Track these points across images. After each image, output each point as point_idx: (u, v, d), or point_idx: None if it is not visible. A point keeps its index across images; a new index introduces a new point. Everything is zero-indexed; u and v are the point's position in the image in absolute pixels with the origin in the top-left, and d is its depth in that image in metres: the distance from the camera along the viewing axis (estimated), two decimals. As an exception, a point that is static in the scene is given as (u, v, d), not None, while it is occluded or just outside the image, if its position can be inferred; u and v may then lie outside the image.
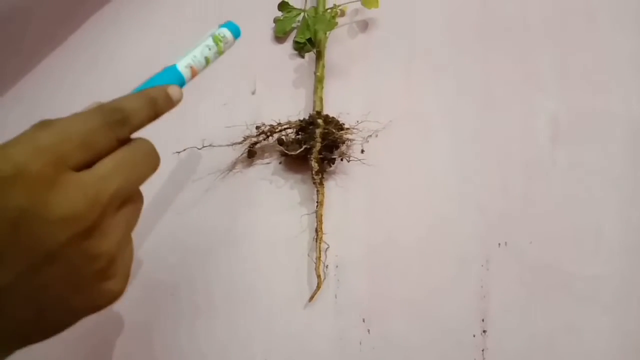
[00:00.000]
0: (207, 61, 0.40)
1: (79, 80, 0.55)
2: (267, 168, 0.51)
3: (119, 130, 0.31)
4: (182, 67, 0.39)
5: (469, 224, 0.49)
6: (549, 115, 0.52)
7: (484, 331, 0.46)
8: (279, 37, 0.55)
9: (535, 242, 0.48)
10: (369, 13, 0.55)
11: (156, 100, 0.34)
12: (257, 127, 0.49)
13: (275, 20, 0.55)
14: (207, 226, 0.49)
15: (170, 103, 0.36)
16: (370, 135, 0.51)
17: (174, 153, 0.49)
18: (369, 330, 0.46)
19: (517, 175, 0.50)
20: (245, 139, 0.50)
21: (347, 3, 0.54)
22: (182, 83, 0.38)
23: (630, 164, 0.50)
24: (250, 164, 0.51)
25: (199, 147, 0.48)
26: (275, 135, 0.50)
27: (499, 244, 0.48)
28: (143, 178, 0.33)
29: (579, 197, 0.49)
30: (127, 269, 0.33)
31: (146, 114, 0.34)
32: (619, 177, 0.50)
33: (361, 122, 0.50)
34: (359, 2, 0.54)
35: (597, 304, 0.47)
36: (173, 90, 0.36)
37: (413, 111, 0.52)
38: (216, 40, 0.40)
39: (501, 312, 0.47)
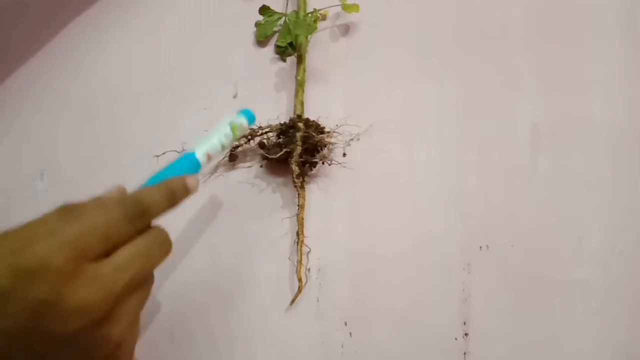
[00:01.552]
0: (223, 147, 0.43)
1: (60, 86, 0.54)
2: (249, 171, 0.51)
3: (138, 223, 0.33)
4: (200, 154, 0.41)
5: (450, 228, 0.49)
6: (529, 121, 0.52)
7: (466, 334, 0.47)
8: (260, 41, 0.55)
9: (517, 246, 0.48)
10: (350, 17, 0.55)
11: (175, 192, 0.37)
12: (238, 131, 0.49)
13: (257, 24, 0.55)
14: (187, 230, 0.49)
15: (187, 193, 0.38)
16: (352, 139, 0.51)
17: (153, 156, 0.49)
18: (350, 334, 0.46)
19: (498, 180, 0.50)
20: (226, 142, 0.49)
21: (328, 7, 0.54)
22: (198, 168, 0.41)
23: (611, 168, 0.51)
24: (231, 168, 0.51)
25: (179, 151, 0.48)
26: (257, 139, 0.50)
27: (480, 247, 0.49)
28: (156, 265, 0.35)
29: (560, 202, 0.50)
30: (133, 347, 0.35)
31: (165, 206, 0.36)
32: (599, 182, 0.50)
33: (341, 125, 0.50)
34: (340, 7, 0.54)
35: (578, 308, 0.47)
36: (191, 182, 0.39)
37: (394, 115, 0.52)
38: (234, 128, 0.43)
39: (483, 315, 0.47)
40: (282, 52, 0.54)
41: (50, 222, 0.30)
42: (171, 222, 0.48)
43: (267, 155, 0.49)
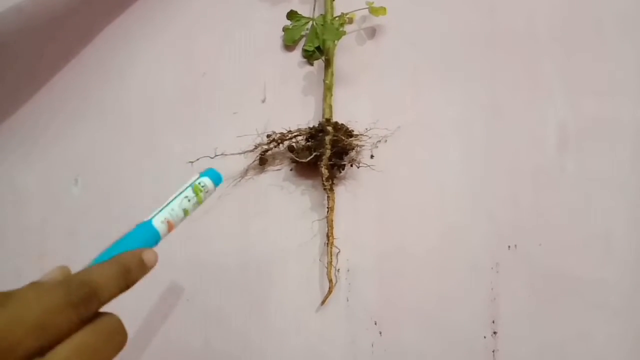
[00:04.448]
0: (186, 213, 0.37)
1: (94, 93, 0.56)
2: (278, 175, 0.52)
3: (84, 310, 0.27)
4: (159, 222, 0.35)
5: (479, 228, 0.49)
6: (557, 123, 0.52)
7: (495, 333, 0.47)
8: (288, 45, 0.56)
9: (545, 246, 0.49)
10: (377, 20, 0.56)
11: (129, 269, 0.31)
12: (268, 136, 0.50)
13: (285, 29, 0.56)
14: (220, 232, 0.50)
15: (144, 270, 0.32)
16: (379, 141, 0.52)
17: (187, 163, 0.50)
18: (380, 333, 0.47)
19: (526, 182, 0.51)
20: (256, 146, 0.51)
21: (355, 11, 0.55)
22: (157, 240, 0.35)
23: (637, 168, 0.50)
24: (261, 171, 0.52)
25: (212, 157, 0.49)
26: (286, 143, 0.51)
27: (509, 247, 0.49)
28: (107, 359, 0.29)
29: (588, 202, 0.50)
30: None
31: (117, 287, 0.30)
32: (626, 183, 0.50)
33: (370, 129, 0.51)
34: (367, 10, 0.55)
35: (605, 307, 0.47)
36: (148, 256, 0.33)
37: (421, 118, 0.53)
38: (196, 190, 0.38)
39: (511, 314, 0.47)
40: (309, 56, 0.55)
41: None
42: (203, 225, 0.50)
43: (297, 158, 0.49)
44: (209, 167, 0.41)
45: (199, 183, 0.38)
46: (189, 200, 0.37)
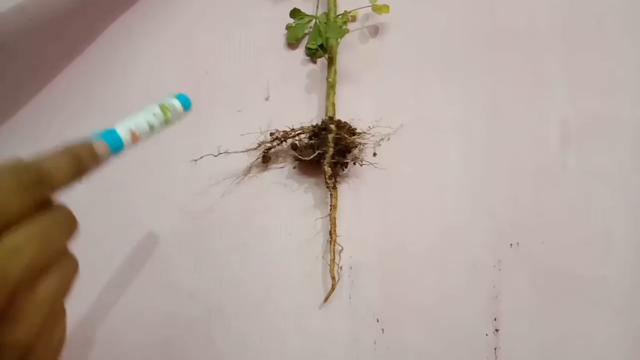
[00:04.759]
0: (152, 128, 0.38)
1: (96, 92, 0.56)
2: (282, 172, 0.52)
3: (35, 193, 0.27)
4: (123, 131, 0.36)
5: (481, 226, 0.50)
6: (558, 119, 0.52)
7: (497, 330, 0.47)
8: (292, 43, 0.56)
9: (547, 243, 0.49)
10: (380, 18, 0.56)
11: (80, 157, 0.30)
12: (271, 134, 0.51)
13: (288, 27, 0.56)
14: (223, 230, 0.51)
15: (96, 160, 0.32)
16: (382, 139, 0.52)
17: (191, 161, 0.51)
18: (383, 330, 0.47)
19: (527, 179, 0.51)
20: (259, 144, 0.51)
21: (358, 9, 0.55)
22: (119, 146, 0.35)
23: (639, 167, 0.50)
24: (264, 169, 0.52)
25: (215, 155, 0.50)
26: (289, 141, 0.51)
27: (511, 245, 0.49)
28: (60, 247, 0.29)
29: (589, 200, 0.50)
30: (54, 351, 0.29)
31: (68, 172, 0.29)
32: (628, 180, 0.50)
33: (373, 127, 0.51)
34: (370, 8, 0.55)
35: (607, 305, 0.47)
36: (99, 146, 0.32)
37: (424, 116, 0.53)
38: (163, 108, 0.39)
39: (513, 311, 0.47)
40: (312, 54, 0.55)
41: None
42: (206, 222, 0.50)
43: (300, 156, 0.50)
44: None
45: (167, 103, 0.40)
46: (154, 116, 0.38)
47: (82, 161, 0.30)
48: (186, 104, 0.42)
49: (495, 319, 0.47)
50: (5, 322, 0.25)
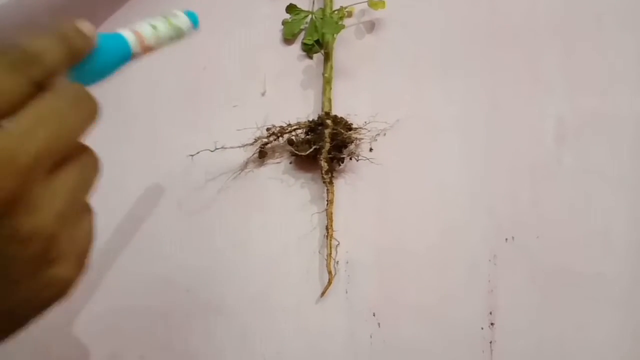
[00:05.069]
0: (155, 28, 0.35)
1: (94, 88, 0.55)
2: (278, 168, 0.52)
3: (29, 71, 0.24)
4: (127, 32, 0.33)
5: (476, 220, 0.50)
6: (556, 117, 0.52)
7: (492, 324, 0.48)
8: (288, 39, 0.56)
9: (542, 238, 0.49)
10: (376, 14, 0.56)
11: (66, 35, 0.27)
12: (268, 129, 0.51)
13: (284, 23, 0.56)
14: (220, 225, 0.51)
15: (83, 38, 0.28)
16: (379, 134, 0.52)
17: (187, 156, 0.51)
18: (379, 324, 0.48)
19: (524, 174, 0.51)
20: (256, 140, 0.51)
21: (354, 4, 0.55)
22: (126, 48, 0.33)
23: (636, 163, 0.50)
24: (261, 164, 0.52)
25: (212, 150, 0.50)
26: (286, 136, 0.51)
27: (506, 239, 0.49)
28: (77, 129, 0.26)
29: (586, 196, 0.50)
30: (80, 248, 0.27)
31: (59, 50, 0.26)
32: (626, 177, 0.50)
33: (369, 122, 0.51)
34: (366, 3, 0.55)
35: (602, 301, 0.48)
36: (83, 23, 0.28)
37: (420, 111, 0.53)
38: (167, 17, 0.37)
39: (509, 306, 0.48)
40: (308, 50, 0.55)
41: None
42: (203, 217, 0.51)
43: (296, 151, 0.50)
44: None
45: (172, 14, 0.37)
46: (155, 20, 0.35)
47: (68, 38, 0.27)
48: (193, 18, 0.39)
49: (490, 313, 0.48)
50: (21, 211, 0.22)
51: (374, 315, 0.48)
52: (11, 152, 0.22)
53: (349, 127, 0.50)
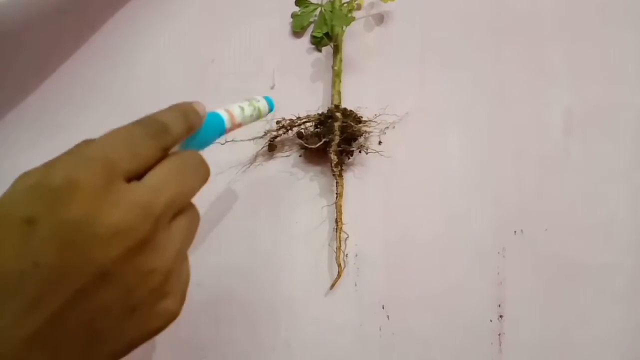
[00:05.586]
0: (243, 110, 0.41)
1: (102, 81, 0.55)
2: (288, 161, 0.52)
3: (161, 139, 0.30)
4: (222, 111, 0.40)
5: (485, 213, 0.50)
6: (562, 108, 0.52)
7: (501, 316, 0.48)
8: (297, 32, 0.56)
9: (551, 230, 0.49)
10: (385, 6, 0.56)
11: (187, 113, 0.33)
12: (277, 122, 0.51)
13: (293, 15, 0.56)
14: (229, 217, 0.51)
15: (198, 117, 0.35)
16: (387, 127, 0.52)
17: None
18: (388, 317, 0.48)
19: (531, 166, 0.51)
20: (265, 133, 0.51)
21: (364, -3, 0.55)
22: (221, 124, 0.39)
23: (642, 155, 0.51)
24: (270, 157, 0.53)
25: (222, 143, 0.50)
26: (295, 129, 0.51)
27: (515, 232, 0.50)
28: (194, 189, 0.32)
29: (593, 187, 0.50)
30: (184, 286, 0.32)
31: (182, 125, 0.32)
32: (631, 168, 0.50)
33: (378, 115, 0.51)
34: (375, -4, 0.55)
35: (609, 292, 0.48)
36: (198, 104, 0.36)
37: (428, 104, 0.53)
38: (251, 101, 0.43)
39: (517, 298, 0.48)
40: (318, 43, 0.55)
41: (69, 150, 0.28)
42: (212, 210, 0.51)
43: (306, 144, 0.50)
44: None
45: (255, 99, 0.44)
46: (243, 102, 0.42)
47: (188, 115, 0.33)
48: (271, 104, 0.46)
49: (499, 305, 0.48)
50: (149, 250, 0.27)
51: (383, 307, 0.48)
52: (148, 201, 0.27)
53: (358, 119, 0.50)
